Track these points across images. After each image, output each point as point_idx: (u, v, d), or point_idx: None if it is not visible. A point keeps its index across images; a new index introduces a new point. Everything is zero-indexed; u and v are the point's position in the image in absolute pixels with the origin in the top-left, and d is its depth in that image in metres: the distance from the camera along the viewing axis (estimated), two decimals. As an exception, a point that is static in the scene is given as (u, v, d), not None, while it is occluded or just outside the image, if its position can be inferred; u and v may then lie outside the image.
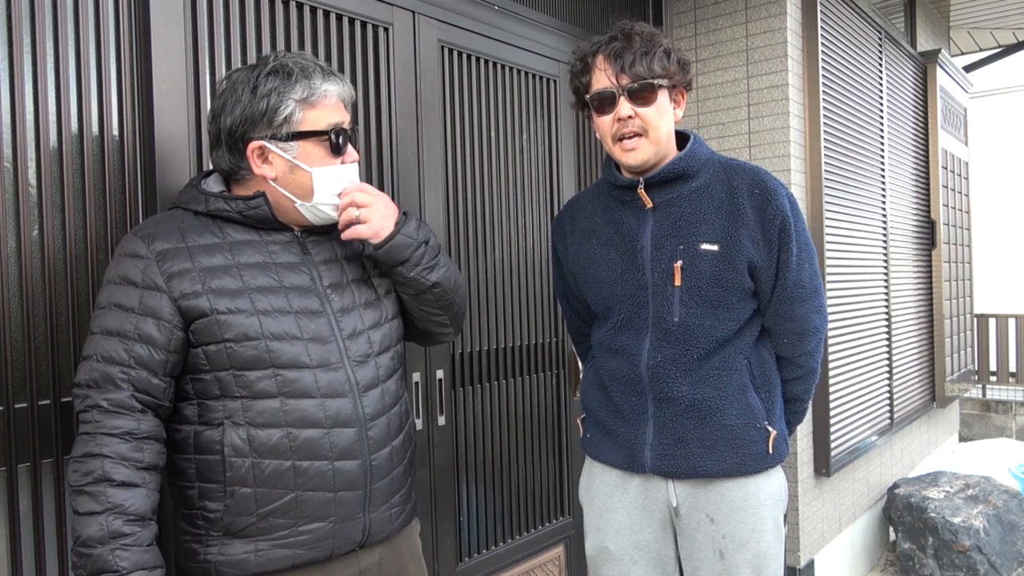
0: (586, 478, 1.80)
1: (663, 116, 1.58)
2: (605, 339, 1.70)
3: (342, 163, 1.36)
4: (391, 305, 1.47)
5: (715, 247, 1.57)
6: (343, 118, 1.36)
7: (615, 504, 1.70)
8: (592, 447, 1.76)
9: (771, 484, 1.65)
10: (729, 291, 1.58)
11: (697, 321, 1.59)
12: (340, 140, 1.34)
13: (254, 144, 1.30)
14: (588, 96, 1.61)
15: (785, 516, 1.72)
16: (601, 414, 1.72)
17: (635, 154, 1.58)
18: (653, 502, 1.67)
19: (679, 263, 1.58)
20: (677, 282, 1.58)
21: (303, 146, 1.32)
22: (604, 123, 1.59)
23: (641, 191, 1.62)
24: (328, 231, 1.42)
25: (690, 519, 1.64)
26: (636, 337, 1.64)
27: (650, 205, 1.62)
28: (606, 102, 1.57)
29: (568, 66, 1.68)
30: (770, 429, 1.62)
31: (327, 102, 1.33)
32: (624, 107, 1.55)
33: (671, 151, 1.63)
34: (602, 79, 1.57)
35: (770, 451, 1.62)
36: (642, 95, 1.55)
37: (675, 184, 1.61)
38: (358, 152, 1.43)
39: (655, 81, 1.54)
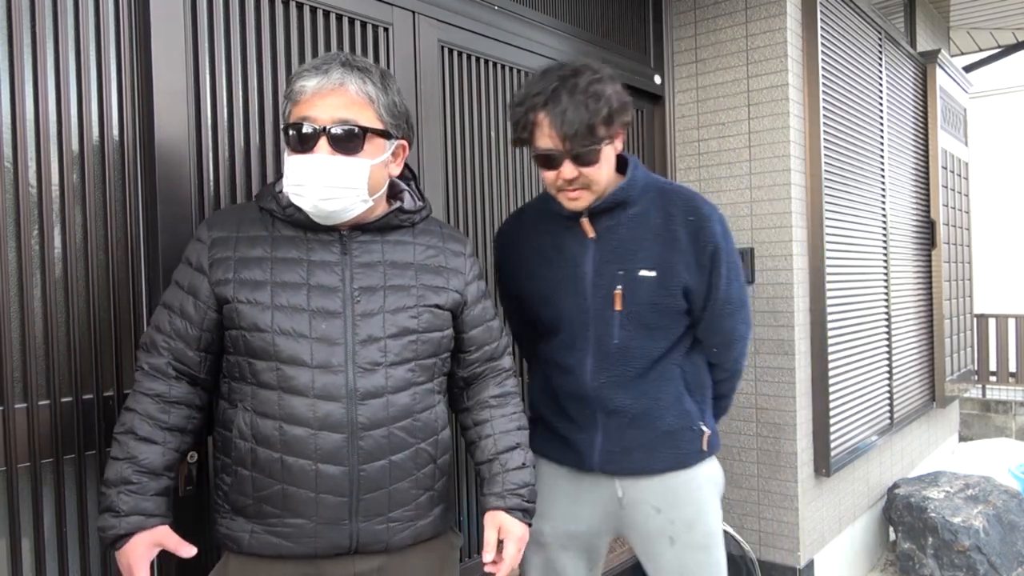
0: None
1: (605, 166, 1.60)
2: (552, 356, 1.75)
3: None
4: (435, 319, 1.42)
5: (652, 273, 1.65)
6: (318, 113, 1.27)
7: (559, 494, 1.77)
8: (542, 447, 1.77)
9: (707, 469, 1.77)
10: (665, 314, 1.67)
11: (636, 343, 1.67)
12: (298, 136, 1.28)
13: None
14: (532, 154, 1.61)
15: (721, 502, 1.82)
16: (554, 421, 1.77)
17: (578, 203, 1.63)
18: (598, 496, 1.74)
19: (619, 289, 1.65)
20: (618, 307, 1.66)
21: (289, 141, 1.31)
22: (548, 176, 1.61)
23: (584, 221, 1.67)
24: (380, 231, 1.40)
25: (636, 510, 1.73)
26: (580, 358, 1.70)
27: (592, 235, 1.67)
28: (551, 162, 1.58)
29: (510, 108, 1.62)
30: (704, 429, 1.75)
31: (303, 98, 1.29)
32: (568, 169, 1.56)
33: (611, 179, 1.66)
34: (545, 140, 1.56)
35: (704, 448, 1.75)
36: (587, 158, 1.55)
37: (614, 212, 1.67)
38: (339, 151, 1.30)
39: (598, 146, 1.55)
